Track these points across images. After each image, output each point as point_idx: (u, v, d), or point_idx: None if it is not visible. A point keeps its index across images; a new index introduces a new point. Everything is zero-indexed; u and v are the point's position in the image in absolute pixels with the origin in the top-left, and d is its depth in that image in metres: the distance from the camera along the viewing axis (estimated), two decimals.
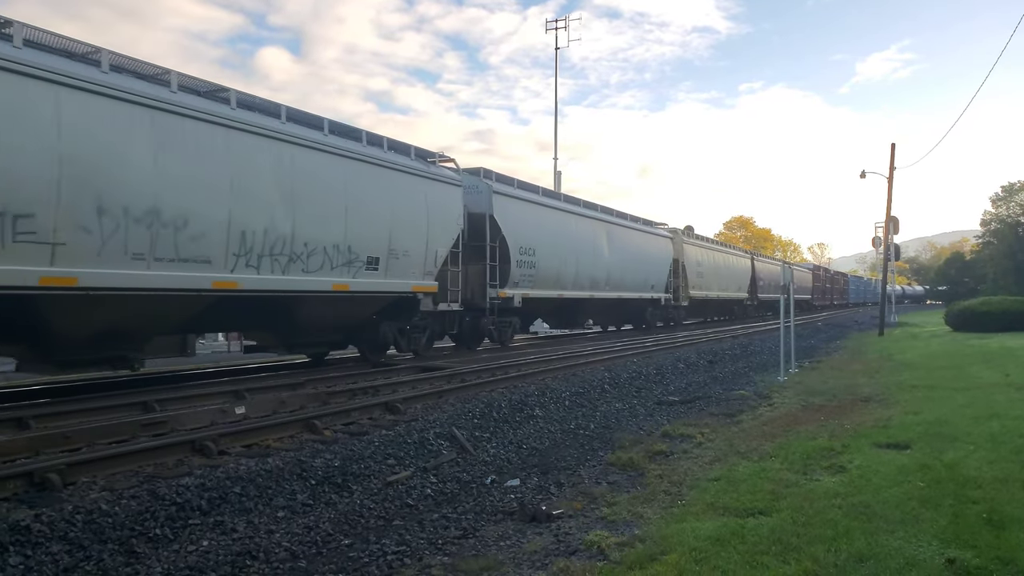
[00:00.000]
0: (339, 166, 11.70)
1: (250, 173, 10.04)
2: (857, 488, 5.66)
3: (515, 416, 8.96)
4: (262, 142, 10.29)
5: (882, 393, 11.18)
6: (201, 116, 9.34)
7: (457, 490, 6.19)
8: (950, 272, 78.17)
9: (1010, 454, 6.64)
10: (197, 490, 5.38)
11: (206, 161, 9.41)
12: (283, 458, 6.37)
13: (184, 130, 9.12)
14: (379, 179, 12.66)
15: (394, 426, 7.95)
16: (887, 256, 31.40)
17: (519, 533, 5.05)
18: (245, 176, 9.94)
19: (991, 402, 9.71)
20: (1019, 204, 61.49)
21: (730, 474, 6.31)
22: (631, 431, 8.63)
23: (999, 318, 25.31)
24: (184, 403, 8.60)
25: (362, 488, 6.08)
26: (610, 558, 4.43)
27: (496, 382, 11.27)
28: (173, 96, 9.09)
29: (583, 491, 6.05)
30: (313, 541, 4.87)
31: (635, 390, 11.72)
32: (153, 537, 4.76)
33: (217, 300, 9.83)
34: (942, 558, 4.19)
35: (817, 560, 4.18)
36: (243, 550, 4.64)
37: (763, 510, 5.18)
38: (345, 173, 11.83)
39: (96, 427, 7.07)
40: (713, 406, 10.45)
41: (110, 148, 8.26)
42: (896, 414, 9.04)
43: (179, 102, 9.13)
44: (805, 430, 8.25)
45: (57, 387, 10.18)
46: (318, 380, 10.85)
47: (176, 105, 9.06)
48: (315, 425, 7.79)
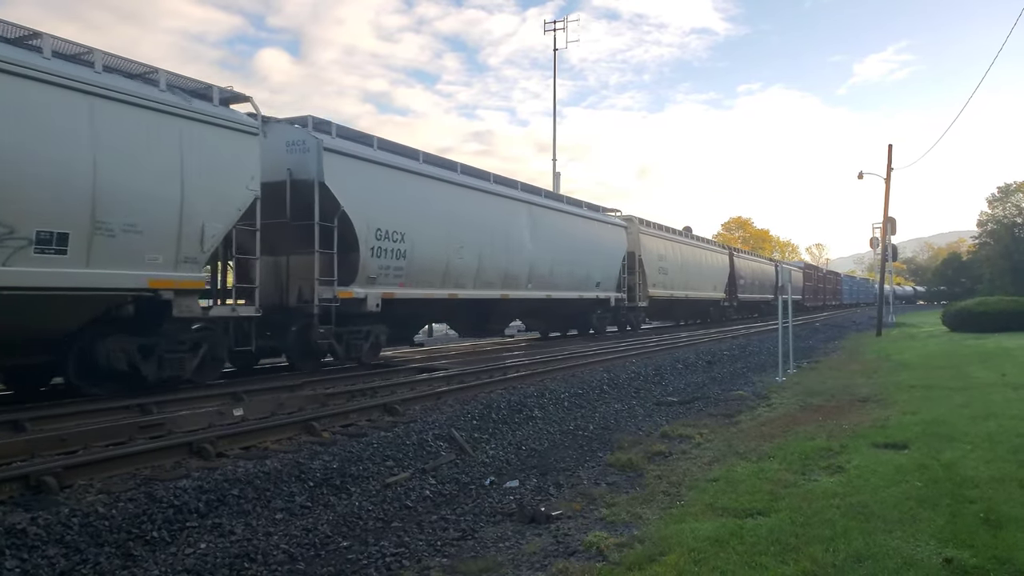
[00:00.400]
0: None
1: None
2: (855, 488, 5.67)
3: (514, 417, 8.96)
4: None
5: (880, 393, 11.19)
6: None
7: (456, 491, 6.18)
8: (947, 272, 78.45)
9: (1007, 453, 6.65)
10: (195, 492, 5.37)
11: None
12: (281, 460, 6.36)
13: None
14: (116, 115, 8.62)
15: (393, 427, 7.94)
16: (885, 257, 31.45)
17: (518, 534, 5.04)
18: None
19: (988, 402, 9.73)
20: (1015, 205, 61.69)
21: (729, 475, 6.31)
22: (630, 432, 8.63)
23: (996, 318, 25.38)
24: (182, 405, 8.58)
25: (361, 490, 6.07)
26: (609, 559, 4.42)
27: (495, 383, 11.27)
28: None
29: (582, 492, 6.05)
30: (311, 543, 4.86)
31: (634, 391, 11.72)
32: (150, 540, 4.74)
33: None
34: (940, 558, 4.20)
35: (815, 560, 4.19)
36: (241, 552, 4.63)
37: (762, 510, 5.18)
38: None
39: (93, 429, 7.06)
40: (712, 407, 10.46)
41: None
42: (894, 414, 9.05)
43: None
44: (803, 430, 8.25)
45: (53, 389, 10.15)
46: (316, 382, 10.84)
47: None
48: (313, 427, 7.78)
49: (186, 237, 9.50)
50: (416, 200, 14.09)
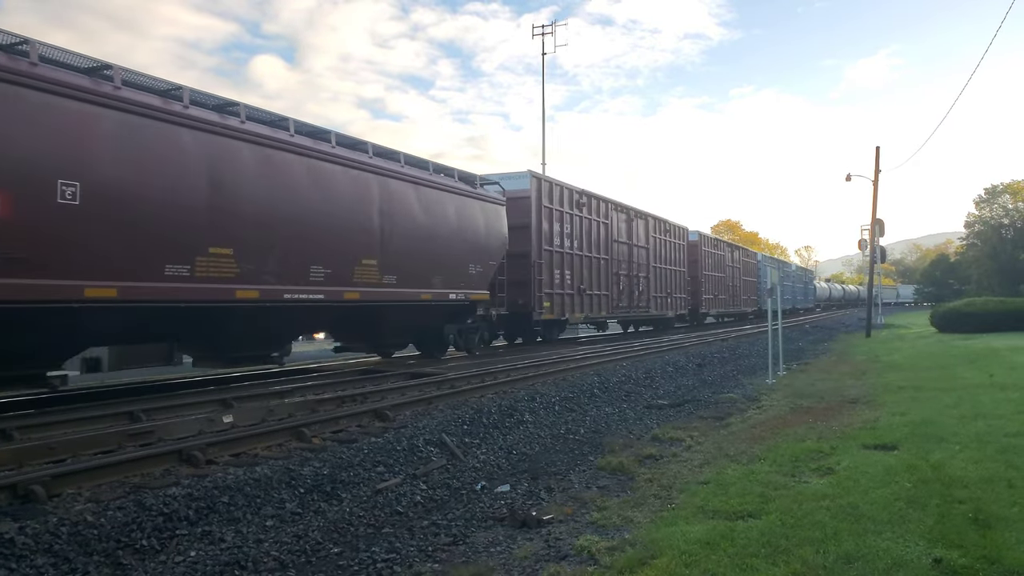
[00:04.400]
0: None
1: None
2: (845, 489, 5.70)
3: (505, 421, 8.95)
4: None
5: (869, 395, 11.25)
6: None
7: (447, 497, 6.17)
8: (935, 274, 79.04)
9: (995, 454, 6.70)
10: (184, 500, 5.34)
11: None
12: (272, 467, 6.33)
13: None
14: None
15: (383, 433, 7.92)
16: (873, 259, 31.65)
17: (509, 539, 5.04)
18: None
19: (976, 402, 9.79)
20: (1002, 206, 62.36)
21: (719, 477, 6.33)
22: (621, 435, 8.64)
23: (983, 319, 25.58)
24: (171, 412, 8.53)
25: (351, 496, 6.05)
26: (600, 562, 4.43)
27: (486, 387, 11.26)
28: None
29: (573, 496, 6.06)
30: (302, 550, 4.85)
31: (624, 394, 11.74)
32: (140, 548, 4.71)
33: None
34: (929, 558, 4.23)
35: (806, 562, 4.21)
36: (231, 560, 4.61)
37: (752, 513, 5.20)
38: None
39: (81, 438, 7.00)
40: (702, 409, 10.49)
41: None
42: (883, 415, 9.11)
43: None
44: (794, 432, 8.29)
45: (41, 398, 10.07)
46: (306, 388, 10.80)
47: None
48: (304, 433, 7.75)
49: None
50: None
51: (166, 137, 8.85)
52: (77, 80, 7.95)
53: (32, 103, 7.42)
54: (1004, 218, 61.15)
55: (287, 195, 10.56)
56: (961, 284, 66.36)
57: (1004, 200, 62.55)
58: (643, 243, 25.49)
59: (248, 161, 9.98)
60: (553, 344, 20.43)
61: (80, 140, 7.82)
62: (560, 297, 19.34)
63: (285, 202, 10.52)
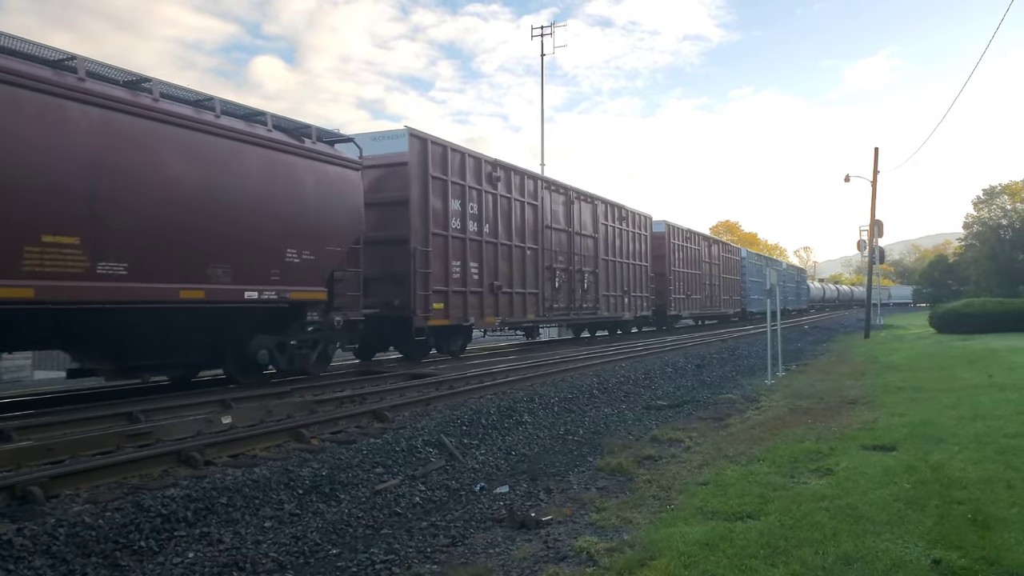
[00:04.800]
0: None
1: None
2: (844, 490, 5.69)
3: (504, 422, 8.95)
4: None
5: (868, 395, 11.26)
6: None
7: (446, 498, 6.17)
8: (934, 274, 79.04)
9: (994, 454, 6.70)
10: (183, 501, 5.33)
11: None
12: (270, 467, 6.32)
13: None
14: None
15: (382, 434, 7.91)
16: (872, 260, 31.67)
17: (508, 540, 5.04)
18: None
19: (975, 403, 9.80)
20: (1000, 207, 62.44)
21: (718, 478, 6.33)
22: (620, 436, 8.64)
23: (982, 320, 25.63)
24: (170, 413, 8.52)
25: (350, 497, 6.05)
26: (599, 564, 4.42)
27: (485, 388, 11.25)
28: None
29: (572, 497, 6.05)
30: (301, 551, 4.84)
31: (623, 395, 11.74)
32: (138, 550, 4.70)
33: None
34: (928, 559, 4.22)
35: (805, 563, 4.20)
36: (230, 561, 4.60)
37: (751, 514, 5.20)
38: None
39: (80, 439, 6.99)
40: (701, 410, 10.49)
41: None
42: (882, 416, 9.11)
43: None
44: (792, 433, 8.29)
45: (40, 398, 10.06)
46: (305, 389, 10.78)
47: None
48: (302, 434, 7.74)
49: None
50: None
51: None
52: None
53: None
54: (1003, 219, 61.22)
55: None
56: (960, 285, 66.37)
57: (1002, 201, 62.63)
58: (589, 231, 21.20)
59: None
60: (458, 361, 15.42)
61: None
62: (461, 296, 14.97)
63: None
